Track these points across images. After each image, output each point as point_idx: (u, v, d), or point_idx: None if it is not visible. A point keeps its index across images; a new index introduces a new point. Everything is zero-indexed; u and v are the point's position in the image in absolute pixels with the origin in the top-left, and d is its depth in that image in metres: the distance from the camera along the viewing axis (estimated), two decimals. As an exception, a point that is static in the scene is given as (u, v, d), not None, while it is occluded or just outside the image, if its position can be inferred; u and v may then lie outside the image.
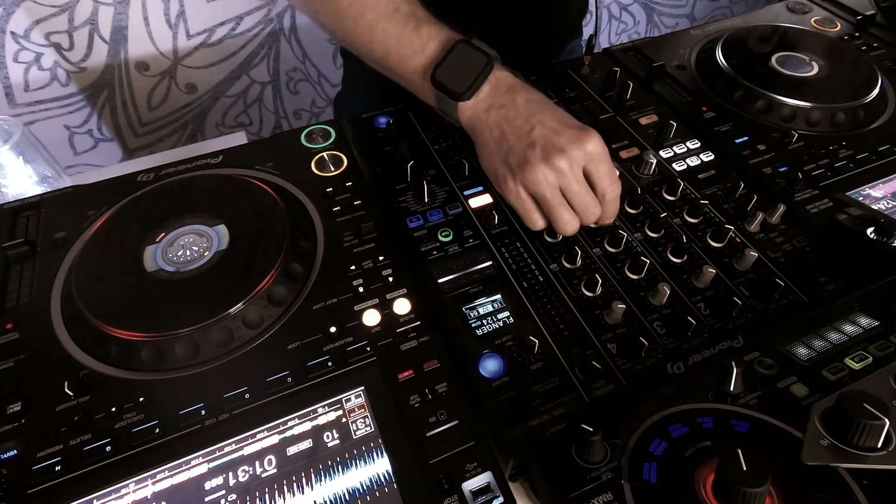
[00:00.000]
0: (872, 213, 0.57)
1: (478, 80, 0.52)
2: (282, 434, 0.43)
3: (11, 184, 0.69)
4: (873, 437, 0.40)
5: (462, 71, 0.52)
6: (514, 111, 0.52)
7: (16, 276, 0.54)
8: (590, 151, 0.50)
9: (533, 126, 0.51)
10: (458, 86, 0.52)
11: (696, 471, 0.40)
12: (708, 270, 0.52)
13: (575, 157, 0.50)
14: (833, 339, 0.50)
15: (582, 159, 0.50)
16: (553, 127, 0.51)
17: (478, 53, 0.53)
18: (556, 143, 0.50)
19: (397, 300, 0.51)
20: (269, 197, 0.57)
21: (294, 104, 1.49)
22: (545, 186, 0.50)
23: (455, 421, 0.44)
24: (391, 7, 0.55)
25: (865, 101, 0.69)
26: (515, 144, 0.51)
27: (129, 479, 0.41)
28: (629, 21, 1.81)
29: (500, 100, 0.52)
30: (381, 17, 0.55)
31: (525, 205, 0.53)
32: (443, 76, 0.52)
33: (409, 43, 0.54)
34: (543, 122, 0.51)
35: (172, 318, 0.48)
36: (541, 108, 0.52)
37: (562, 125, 0.51)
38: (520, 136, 0.51)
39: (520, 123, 0.51)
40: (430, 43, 0.54)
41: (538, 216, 0.53)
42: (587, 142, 0.50)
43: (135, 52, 1.21)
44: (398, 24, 0.54)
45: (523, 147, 0.51)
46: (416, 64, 0.54)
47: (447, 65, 0.52)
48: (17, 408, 0.44)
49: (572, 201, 0.51)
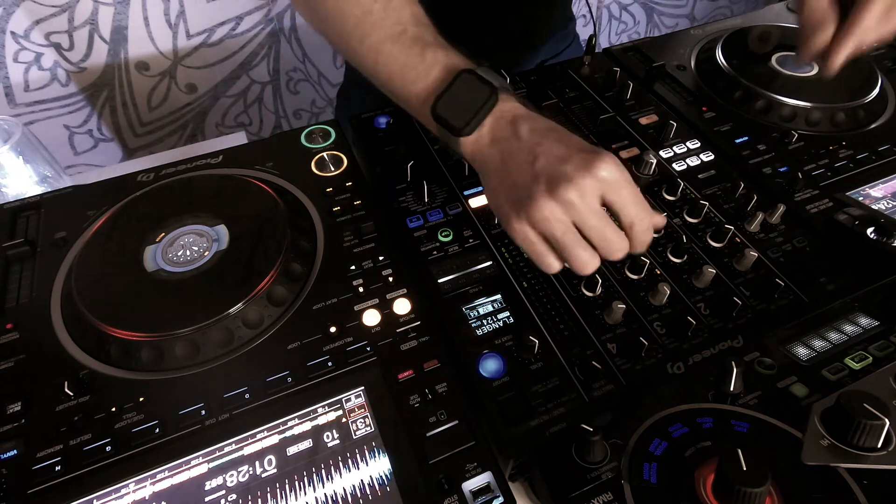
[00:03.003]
0: (872, 213, 0.57)
1: (479, 113, 0.47)
2: (282, 434, 0.43)
3: (11, 184, 0.69)
4: (873, 437, 0.40)
5: (464, 103, 0.48)
6: (516, 143, 0.47)
7: (16, 276, 0.54)
8: (603, 178, 0.43)
9: (536, 156, 0.45)
10: (458, 120, 0.48)
11: (696, 471, 0.40)
12: (708, 270, 0.52)
13: (586, 186, 0.42)
14: (833, 339, 0.50)
15: (595, 188, 0.43)
16: (559, 154, 0.44)
17: (481, 85, 0.48)
18: (563, 173, 0.43)
19: (397, 300, 0.51)
20: (269, 197, 0.57)
21: (294, 104, 1.49)
22: (554, 224, 0.43)
23: (455, 421, 0.44)
24: (398, 29, 0.51)
25: (865, 101, 0.69)
26: (518, 179, 0.45)
27: (129, 479, 0.41)
28: (629, 21, 1.81)
29: (502, 132, 0.48)
30: (387, 39, 0.51)
31: (535, 247, 0.46)
32: (443, 109, 0.48)
33: (412, 67, 0.50)
34: (548, 151, 0.45)
35: (172, 317, 0.48)
36: (545, 136, 0.46)
37: (569, 150, 0.44)
38: (523, 170, 0.45)
39: (523, 156, 0.46)
40: (434, 69, 0.50)
41: (552, 258, 0.46)
42: (598, 167, 0.43)
43: (135, 52, 1.21)
44: (403, 48, 0.51)
45: (527, 181, 0.45)
46: (418, 90, 0.51)
47: (449, 96, 0.48)
48: (17, 408, 0.44)
49: (590, 237, 0.44)
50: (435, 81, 0.50)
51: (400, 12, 0.52)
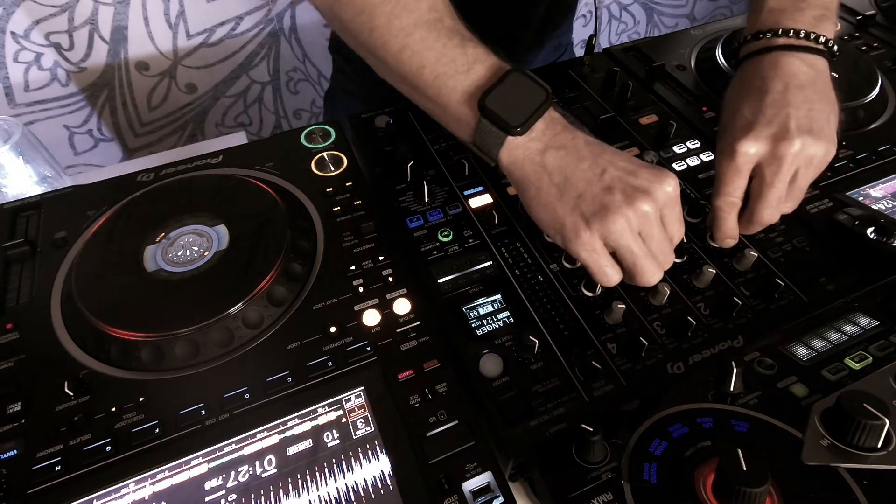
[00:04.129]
0: (872, 213, 0.57)
1: (535, 114, 0.45)
2: (282, 434, 0.43)
3: (11, 184, 0.69)
4: (873, 437, 0.40)
5: (517, 102, 0.45)
6: (575, 153, 0.46)
7: (16, 276, 0.54)
8: (670, 193, 0.45)
9: (604, 168, 0.45)
10: (512, 117, 0.45)
11: (696, 471, 0.40)
12: (708, 270, 0.52)
13: (659, 198, 0.44)
14: (833, 339, 0.50)
15: (664, 201, 0.44)
16: (627, 168, 0.45)
17: (535, 85, 0.46)
18: (637, 185, 0.44)
19: (397, 300, 0.51)
20: (269, 197, 0.57)
21: (294, 104, 1.49)
22: (629, 235, 0.44)
23: (455, 421, 0.44)
24: (434, 16, 0.47)
25: (865, 101, 0.69)
26: (587, 190, 0.45)
27: (129, 479, 0.41)
28: (629, 21, 1.81)
29: (557, 140, 0.46)
30: (422, 24, 0.47)
31: (602, 259, 0.46)
32: (494, 104, 0.45)
33: (451, 60, 0.47)
34: (614, 164, 0.45)
35: (172, 318, 0.48)
36: (604, 149, 0.46)
37: (635, 166, 0.45)
38: (590, 181, 0.45)
39: (586, 166, 0.45)
40: (478, 65, 0.47)
41: (614, 271, 0.46)
42: (668, 182, 0.44)
43: (135, 52, 1.21)
44: (440, 36, 0.47)
45: (598, 192, 0.44)
46: (456, 85, 0.47)
47: (499, 93, 0.45)
48: (17, 408, 0.44)
49: (652, 248, 0.45)
50: (480, 77, 0.47)
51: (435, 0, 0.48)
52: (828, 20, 0.53)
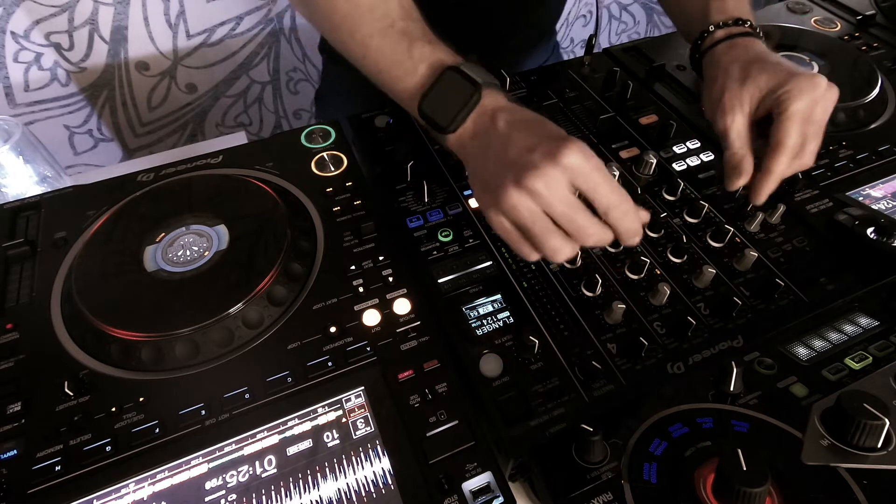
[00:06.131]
0: (872, 213, 0.57)
1: (463, 110, 0.48)
2: (282, 434, 0.43)
3: (11, 184, 0.69)
4: (873, 437, 0.40)
5: (448, 101, 0.48)
6: (495, 136, 0.47)
7: (16, 276, 0.54)
8: (569, 164, 0.42)
9: (508, 146, 0.45)
10: (442, 118, 0.49)
11: (696, 471, 0.40)
12: (708, 270, 0.52)
13: (551, 174, 0.42)
14: (833, 339, 0.50)
15: (562, 175, 0.42)
16: (528, 144, 0.44)
17: (465, 82, 0.48)
18: (529, 162, 0.43)
19: (397, 300, 0.51)
20: (269, 197, 0.57)
21: (294, 104, 1.49)
22: (523, 213, 0.44)
23: (455, 421, 0.44)
24: (386, 22, 0.51)
25: (865, 101, 0.69)
26: (492, 169, 0.46)
27: (129, 479, 0.41)
28: (629, 21, 1.81)
29: (483, 126, 0.48)
30: (376, 33, 0.51)
31: (510, 236, 0.46)
32: (429, 107, 0.49)
33: (400, 63, 0.51)
34: (518, 141, 0.45)
35: (172, 317, 0.48)
36: (523, 126, 0.46)
37: (538, 139, 0.44)
38: (498, 161, 0.46)
39: (498, 147, 0.46)
40: (421, 66, 0.50)
41: (528, 247, 0.46)
42: (564, 154, 0.42)
43: (135, 52, 1.21)
44: (391, 42, 0.51)
45: (498, 170, 0.45)
46: (405, 86, 0.51)
47: (434, 94, 0.49)
48: (17, 408, 0.44)
49: (561, 224, 0.44)
50: (421, 78, 0.50)
51: (387, 4, 0.52)
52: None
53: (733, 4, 0.60)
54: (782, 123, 0.50)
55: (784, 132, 0.50)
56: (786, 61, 0.54)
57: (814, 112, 0.50)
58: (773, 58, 0.54)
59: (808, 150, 0.52)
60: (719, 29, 0.59)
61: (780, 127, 0.50)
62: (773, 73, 0.52)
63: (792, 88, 0.50)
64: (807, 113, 0.50)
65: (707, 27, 0.60)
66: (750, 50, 0.56)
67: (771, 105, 0.51)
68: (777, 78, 0.51)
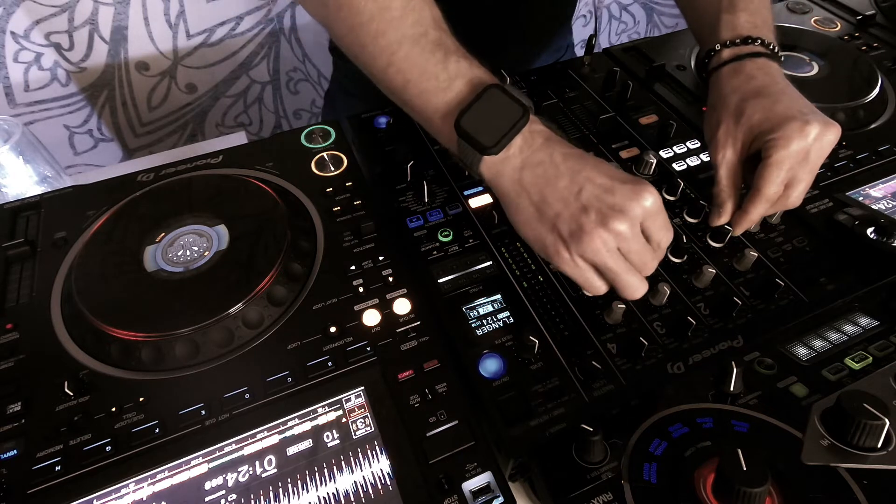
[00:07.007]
0: (872, 213, 0.57)
1: (510, 132, 0.45)
2: (282, 434, 0.43)
3: (11, 184, 0.69)
4: (873, 437, 0.40)
5: (492, 120, 0.45)
6: (553, 170, 0.45)
7: (16, 276, 0.54)
8: (649, 207, 0.44)
9: (581, 186, 0.44)
10: (486, 137, 0.45)
11: (696, 471, 0.40)
12: (708, 270, 0.52)
13: (636, 214, 0.43)
14: (833, 339, 0.50)
15: (641, 216, 0.44)
16: (603, 185, 0.44)
17: (512, 102, 0.46)
18: (612, 204, 0.43)
19: (397, 300, 0.51)
20: (269, 197, 0.57)
21: (294, 104, 1.49)
22: (606, 255, 0.44)
23: (455, 421, 0.44)
24: (418, 30, 0.47)
25: (865, 101, 0.69)
26: (563, 210, 0.45)
27: (129, 479, 0.41)
28: (629, 21, 1.81)
29: (535, 157, 0.46)
30: (406, 40, 0.47)
31: (585, 274, 0.46)
32: (469, 124, 0.45)
33: (433, 76, 0.47)
34: (591, 180, 0.44)
35: (172, 317, 0.48)
36: (583, 164, 0.45)
37: (612, 181, 0.44)
38: (567, 200, 0.44)
39: (563, 184, 0.45)
40: (458, 81, 0.47)
41: (601, 282, 0.46)
42: (644, 197, 0.44)
43: (135, 52, 1.21)
44: (423, 51, 0.47)
45: (574, 212, 0.44)
46: (438, 102, 0.47)
47: (476, 111, 0.45)
48: (17, 408, 0.44)
49: (632, 261, 0.45)
50: (459, 94, 0.47)
51: (420, 12, 0.48)
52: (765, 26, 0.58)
53: (745, 18, 0.57)
54: (764, 170, 0.50)
55: (764, 179, 0.50)
56: (788, 96, 0.52)
57: (805, 155, 0.50)
58: (774, 89, 0.52)
59: (794, 193, 0.51)
60: (726, 48, 0.56)
61: (761, 173, 0.50)
62: (768, 114, 0.50)
63: (779, 137, 0.49)
64: (794, 159, 0.49)
65: (714, 45, 0.57)
66: (753, 79, 0.53)
67: (760, 146, 0.50)
68: (771, 122, 0.50)
